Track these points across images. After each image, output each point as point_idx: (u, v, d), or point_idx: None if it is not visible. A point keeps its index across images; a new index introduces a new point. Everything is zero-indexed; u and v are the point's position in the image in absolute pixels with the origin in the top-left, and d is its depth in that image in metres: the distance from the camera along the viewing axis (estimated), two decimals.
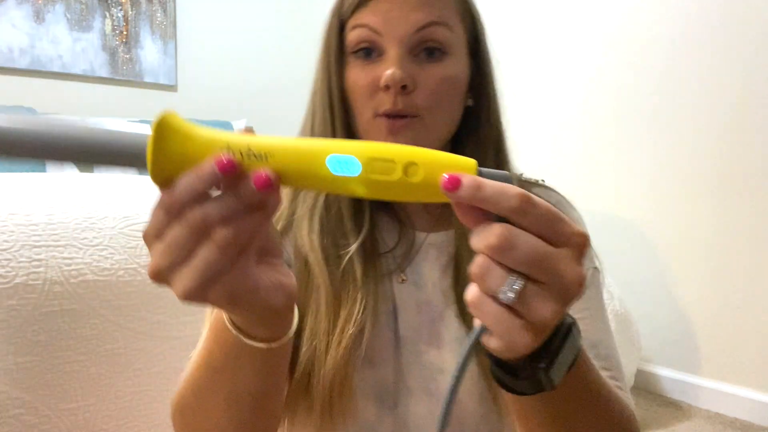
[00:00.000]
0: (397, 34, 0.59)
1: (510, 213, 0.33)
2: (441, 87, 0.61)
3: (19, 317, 0.90)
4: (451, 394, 0.37)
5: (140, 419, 1.02)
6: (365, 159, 0.35)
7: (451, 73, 0.62)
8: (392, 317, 0.65)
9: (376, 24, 0.60)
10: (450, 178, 0.34)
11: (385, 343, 0.64)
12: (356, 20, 0.61)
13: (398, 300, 0.65)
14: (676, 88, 2.31)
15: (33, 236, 0.95)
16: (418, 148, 0.36)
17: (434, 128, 0.62)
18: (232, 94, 3.41)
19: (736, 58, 2.15)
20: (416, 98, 0.60)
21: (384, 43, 0.60)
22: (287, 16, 3.52)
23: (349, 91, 0.62)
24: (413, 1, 0.60)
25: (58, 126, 0.36)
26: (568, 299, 0.35)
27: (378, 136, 0.61)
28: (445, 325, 0.65)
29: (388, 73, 0.58)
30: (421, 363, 0.64)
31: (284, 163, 0.35)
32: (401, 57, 0.59)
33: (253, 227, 0.36)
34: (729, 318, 2.19)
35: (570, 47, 2.66)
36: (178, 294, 0.36)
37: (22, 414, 0.90)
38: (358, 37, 0.61)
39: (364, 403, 0.63)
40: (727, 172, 2.19)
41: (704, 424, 2.10)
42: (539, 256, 0.33)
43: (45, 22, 2.79)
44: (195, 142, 0.36)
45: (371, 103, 0.61)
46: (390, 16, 0.59)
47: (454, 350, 0.64)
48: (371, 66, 0.61)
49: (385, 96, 0.60)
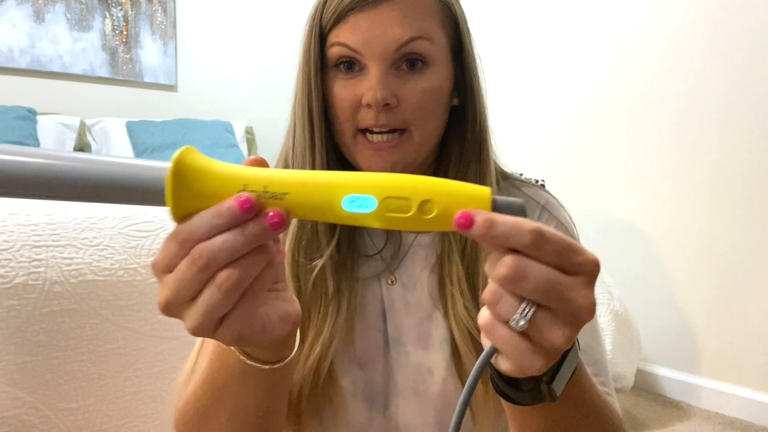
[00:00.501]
0: (378, 52, 0.59)
1: (523, 249, 0.34)
2: (425, 99, 0.61)
3: (19, 317, 0.90)
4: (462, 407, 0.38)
5: (140, 419, 1.02)
6: (381, 197, 0.35)
7: (434, 83, 0.62)
8: (381, 319, 0.65)
9: (356, 44, 0.59)
10: (463, 216, 0.34)
11: (374, 345, 0.64)
12: (336, 37, 0.60)
13: (387, 302, 0.66)
14: (676, 88, 2.31)
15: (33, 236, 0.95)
16: (432, 181, 0.36)
17: (422, 140, 0.62)
18: (232, 94, 3.41)
19: (733, 57, 2.15)
20: (400, 113, 0.60)
21: (365, 61, 0.60)
22: (287, 17, 3.52)
23: (331, 105, 0.62)
24: (393, 15, 0.59)
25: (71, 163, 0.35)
26: (578, 324, 0.35)
27: (359, 156, 0.62)
28: (434, 326, 0.65)
29: (370, 93, 0.58)
30: (410, 364, 0.64)
31: (300, 200, 0.36)
32: (383, 74, 0.59)
33: (258, 268, 0.36)
34: (729, 318, 2.19)
35: (565, 48, 2.66)
36: (187, 329, 0.37)
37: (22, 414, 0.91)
38: (338, 53, 0.61)
39: (354, 405, 0.63)
40: (727, 173, 2.19)
41: (704, 424, 2.11)
42: (550, 285, 0.34)
43: (45, 22, 2.79)
44: (213, 179, 0.36)
45: (354, 119, 0.61)
46: (370, 34, 0.59)
47: (442, 351, 0.64)
48: (353, 81, 0.61)
49: (367, 112, 0.60)
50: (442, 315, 0.65)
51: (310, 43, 0.62)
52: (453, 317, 0.62)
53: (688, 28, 2.27)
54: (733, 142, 2.17)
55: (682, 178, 2.30)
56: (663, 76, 2.35)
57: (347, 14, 0.60)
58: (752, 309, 2.14)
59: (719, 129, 2.20)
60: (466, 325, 0.61)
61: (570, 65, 2.66)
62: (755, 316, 2.13)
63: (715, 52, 2.20)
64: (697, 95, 2.25)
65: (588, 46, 2.60)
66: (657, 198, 2.38)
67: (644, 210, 2.42)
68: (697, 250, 2.27)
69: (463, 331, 0.61)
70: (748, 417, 2.14)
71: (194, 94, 3.29)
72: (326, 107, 0.63)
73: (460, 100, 0.67)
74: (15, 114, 2.52)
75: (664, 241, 2.37)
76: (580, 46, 2.62)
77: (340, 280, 0.63)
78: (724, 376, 2.22)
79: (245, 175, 0.36)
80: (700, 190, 2.26)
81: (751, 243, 2.14)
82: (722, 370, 2.22)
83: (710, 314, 2.25)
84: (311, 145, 0.63)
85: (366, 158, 0.61)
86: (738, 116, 2.16)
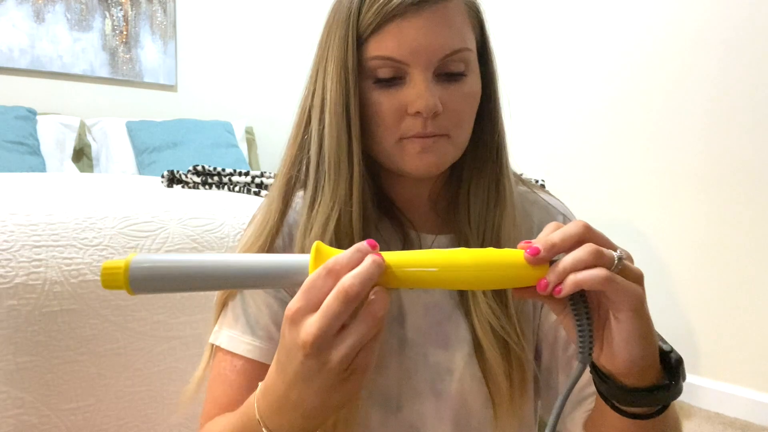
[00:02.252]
0: (423, 61, 0.58)
1: (582, 238, 0.44)
2: (464, 105, 0.61)
3: (19, 317, 0.90)
4: (557, 414, 0.45)
5: (140, 419, 1.02)
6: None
7: (471, 89, 0.62)
8: (397, 322, 0.65)
9: (402, 56, 0.58)
10: (531, 249, 0.44)
11: (387, 349, 0.64)
12: (378, 48, 0.58)
13: (405, 304, 0.66)
14: (676, 88, 2.31)
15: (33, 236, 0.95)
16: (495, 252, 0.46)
17: (460, 143, 0.63)
18: (232, 94, 3.41)
19: (734, 58, 2.15)
20: (444, 120, 0.60)
21: (409, 69, 0.59)
22: (287, 17, 3.52)
23: (369, 114, 0.60)
24: (436, 23, 0.58)
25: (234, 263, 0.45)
26: (641, 277, 0.46)
27: (404, 157, 0.61)
28: (453, 326, 0.65)
29: (420, 102, 0.58)
30: (429, 364, 0.64)
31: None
32: (429, 82, 0.58)
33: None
34: (729, 318, 2.19)
35: (569, 50, 2.66)
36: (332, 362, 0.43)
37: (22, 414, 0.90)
38: (380, 65, 0.59)
39: (367, 409, 0.63)
40: (727, 173, 2.19)
41: (704, 424, 2.11)
42: (613, 246, 0.45)
43: (45, 22, 2.79)
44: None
45: (397, 127, 0.60)
46: (416, 44, 0.58)
47: (461, 350, 0.64)
48: (394, 90, 0.59)
49: (413, 121, 0.59)
50: (463, 315, 0.65)
51: (346, 50, 0.59)
52: (476, 316, 0.63)
53: (694, 29, 2.27)
54: (734, 142, 2.17)
55: (682, 178, 2.30)
56: (662, 76, 2.35)
57: (390, 21, 0.58)
58: (752, 309, 2.14)
59: (719, 129, 2.20)
60: (488, 320, 0.62)
61: (570, 65, 2.66)
62: (755, 316, 2.13)
63: (714, 53, 2.20)
64: (694, 93, 2.25)
65: (588, 47, 2.60)
66: (656, 198, 2.38)
67: (643, 210, 2.42)
68: (697, 249, 2.27)
69: (485, 328, 0.62)
70: (748, 417, 2.14)
71: (194, 94, 3.29)
72: (362, 117, 0.61)
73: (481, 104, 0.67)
74: (15, 114, 2.51)
75: (664, 242, 2.37)
76: (580, 47, 2.63)
77: None
78: (724, 376, 2.22)
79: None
80: (699, 189, 2.26)
81: (751, 243, 2.14)
82: (722, 370, 2.22)
83: (710, 314, 2.25)
84: (348, 157, 0.60)
85: (412, 158, 0.60)
86: (738, 116, 2.16)
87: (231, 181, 1.55)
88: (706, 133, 2.24)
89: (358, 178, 0.60)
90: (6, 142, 2.39)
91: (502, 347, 0.62)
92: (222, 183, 1.57)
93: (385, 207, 0.68)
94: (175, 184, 1.64)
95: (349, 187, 0.60)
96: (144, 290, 0.44)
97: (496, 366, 0.62)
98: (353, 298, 0.41)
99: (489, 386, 0.63)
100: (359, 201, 0.60)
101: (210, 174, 1.60)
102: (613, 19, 2.51)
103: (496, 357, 0.62)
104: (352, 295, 0.40)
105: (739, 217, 2.16)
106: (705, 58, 2.23)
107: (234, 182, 1.55)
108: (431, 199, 0.69)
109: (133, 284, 0.44)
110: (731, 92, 2.17)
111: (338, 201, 0.60)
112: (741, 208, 2.16)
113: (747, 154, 2.14)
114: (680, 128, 2.31)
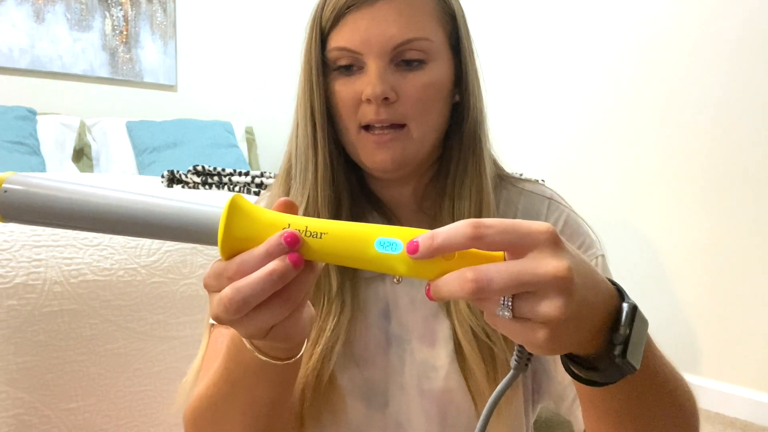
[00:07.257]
0: (376, 50, 0.60)
1: (470, 242, 0.35)
2: (424, 94, 0.62)
3: (19, 317, 0.90)
4: (488, 412, 0.41)
5: (140, 419, 1.02)
6: (407, 241, 0.37)
7: (433, 78, 0.62)
8: (383, 317, 0.66)
9: (355, 45, 0.61)
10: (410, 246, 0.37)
11: (373, 344, 0.65)
12: (336, 40, 0.62)
13: (391, 300, 0.66)
14: (681, 90, 2.31)
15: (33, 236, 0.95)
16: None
17: (422, 136, 0.63)
18: (232, 94, 3.41)
19: (740, 61, 2.15)
20: (400, 107, 0.61)
21: (364, 59, 0.61)
22: (287, 17, 3.52)
23: (334, 104, 0.63)
24: (390, 13, 0.60)
25: (130, 202, 0.38)
26: (562, 289, 0.35)
27: (362, 151, 0.63)
28: (439, 323, 0.65)
29: (369, 88, 0.60)
30: (415, 361, 0.65)
31: (336, 241, 0.39)
32: (381, 69, 0.60)
33: (309, 286, 0.41)
34: (729, 318, 2.19)
35: (572, 50, 2.66)
36: (242, 335, 0.43)
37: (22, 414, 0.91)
38: (338, 56, 0.62)
39: (353, 404, 0.63)
40: (727, 173, 2.19)
41: (704, 424, 2.11)
42: (514, 276, 0.35)
43: (45, 22, 2.79)
44: (261, 221, 0.39)
45: (355, 116, 0.62)
46: (368, 34, 0.60)
47: (446, 348, 0.64)
48: (353, 79, 0.62)
49: (368, 108, 0.61)
50: (445, 313, 0.65)
51: (311, 45, 0.64)
52: (456, 315, 0.63)
53: (696, 29, 2.27)
54: (733, 143, 2.17)
55: (682, 178, 2.31)
56: (661, 77, 2.35)
57: (345, 14, 0.61)
58: (752, 309, 2.14)
59: (719, 129, 2.20)
60: (468, 322, 0.62)
61: (569, 66, 2.66)
62: (755, 316, 2.13)
63: (720, 55, 2.20)
64: (696, 95, 2.25)
65: (593, 49, 2.60)
66: (656, 199, 2.38)
67: (643, 210, 2.42)
68: (697, 250, 2.27)
69: (465, 328, 0.62)
70: (748, 417, 2.14)
71: (194, 94, 3.29)
72: (329, 107, 0.64)
73: (460, 96, 0.67)
74: (15, 114, 2.51)
75: (664, 242, 2.37)
76: (581, 48, 2.63)
77: (343, 279, 0.64)
78: (724, 376, 2.22)
79: (288, 219, 0.40)
80: (699, 189, 2.26)
81: (751, 243, 2.14)
82: (722, 370, 2.22)
83: (710, 314, 2.25)
84: (313, 145, 0.64)
85: (369, 153, 0.63)
86: (738, 116, 2.16)
87: (231, 181, 1.55)
88: (710, 136, 2.24)
89: (322, 165, 0.63)
90: (6, 142, 2.39)
91: (483, 349, 0.62)
92: (222, 183, 1.57)
93: (378, 207, 0.70)
94: (175, 184, 1.65)
95: (315, 174, 0.64)
96: (16, 218, 0.38)
97: (476, 367, 0.62)
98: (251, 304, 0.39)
99: (469, 387, 0.63)
100: (326, 188, 0.63)
101: (210, 174, 1.61)
102: (619, 22, 2.51)
103: (476, 358, 0.61)
104: (252, 303, 0.39)
105: (740, 218, 2.16)
106: (711, 60, 2.23)
107: (234, 182, 1.55)
108: (416, 199, 0.70)
109: (2, 209, 0.37)
110: (736, 95, 2.17)
111: (306, 187, 0.64)
112: (742, 209, 2.16)
113: (750, 155, 2.14)
114: (684, 130, 2.31)
